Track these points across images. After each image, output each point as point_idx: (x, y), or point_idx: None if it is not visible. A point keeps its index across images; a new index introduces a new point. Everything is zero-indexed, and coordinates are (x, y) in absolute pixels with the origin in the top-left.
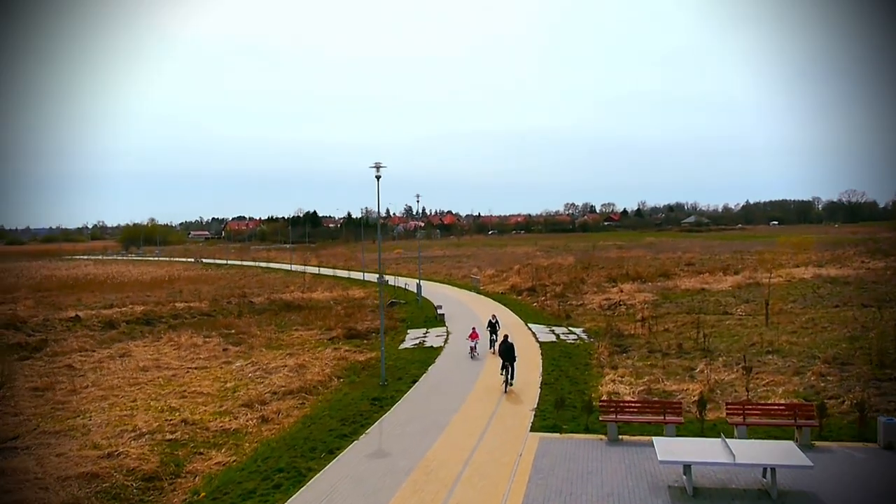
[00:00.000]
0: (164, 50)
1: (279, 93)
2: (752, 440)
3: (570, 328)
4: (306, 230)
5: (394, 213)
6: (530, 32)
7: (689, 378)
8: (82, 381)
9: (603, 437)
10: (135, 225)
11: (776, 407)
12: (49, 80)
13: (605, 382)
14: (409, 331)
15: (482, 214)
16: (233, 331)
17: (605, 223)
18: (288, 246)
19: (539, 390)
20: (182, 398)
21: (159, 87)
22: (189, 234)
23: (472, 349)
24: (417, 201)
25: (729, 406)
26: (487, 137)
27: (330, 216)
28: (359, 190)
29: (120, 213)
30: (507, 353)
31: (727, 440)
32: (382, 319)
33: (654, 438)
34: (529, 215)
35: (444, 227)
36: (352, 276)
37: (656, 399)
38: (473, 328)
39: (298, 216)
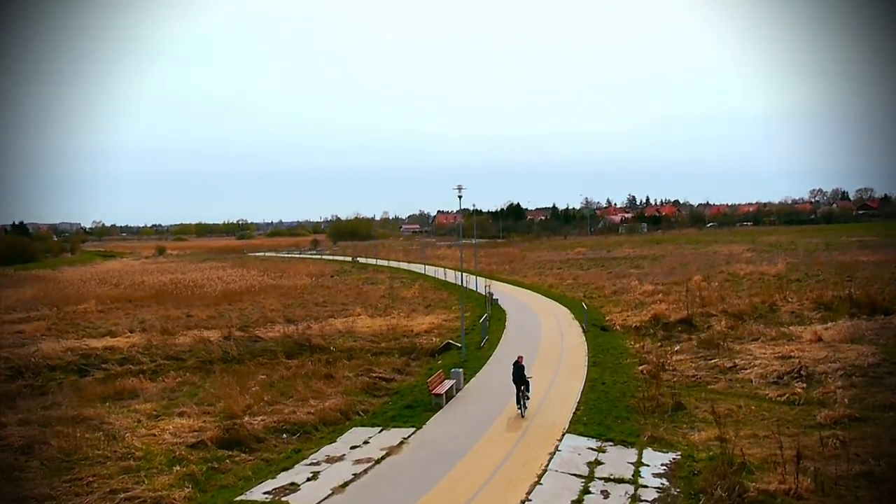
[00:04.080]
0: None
1: (507, 90)
2: None
3: (653, 451)
4: (500, 224)
5: (614, 204)
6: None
7: None
8: None
9: None
10: (340, 219)
11: None
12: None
13: None
14: (352, 430)
15: (711, 203)
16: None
17: (859, 212)
18: (473, 241)
19: None
20: None
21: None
22: (401, 227)
23: None
24: (460, 197)
25: None
26: (722, 120)
27: (543, 208)
28: (580, 181)
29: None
30: (519, 376)
31: None
32: None
33: None
34: (766, 203)
35: (655, 219)
36: (471, 287)
37: None
38: None
39: (502, 209)
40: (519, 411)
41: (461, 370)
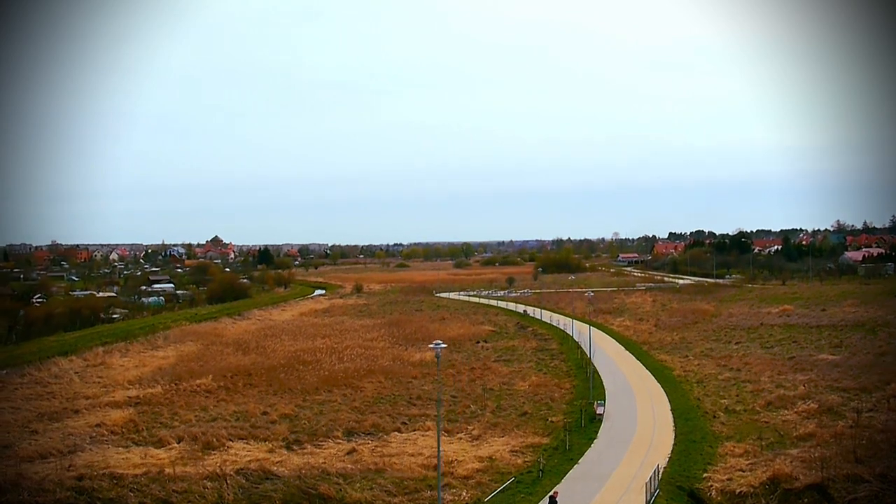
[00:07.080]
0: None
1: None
2: None
3: None
4: (716, 260)
5: (872, 225)
6: None
7: None
8: None
9: None
10: (561, 241)
11: None
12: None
13: None
14: None
15: None
16: None
17: None
18: (679, 282)
19: None
20: None
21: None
22: (618, 256)
23: None
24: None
25: None
26: None
27: (787, 230)
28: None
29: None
30: None
31: None
32: None
33: None
34: None
35: (884, 257)
36: (618, 374)
37: None
38: None
39: (725, 240)
40: None
41: None
